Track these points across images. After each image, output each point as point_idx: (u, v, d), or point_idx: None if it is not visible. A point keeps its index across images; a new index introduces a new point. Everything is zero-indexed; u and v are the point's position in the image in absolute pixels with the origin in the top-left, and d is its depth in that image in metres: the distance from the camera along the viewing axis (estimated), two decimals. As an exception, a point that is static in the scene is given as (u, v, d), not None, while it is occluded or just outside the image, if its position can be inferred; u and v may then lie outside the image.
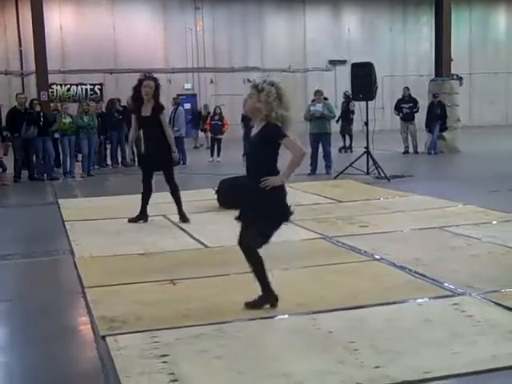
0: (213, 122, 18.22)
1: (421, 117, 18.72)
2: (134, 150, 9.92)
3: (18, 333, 4.62)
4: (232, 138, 20.70)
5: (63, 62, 27.57)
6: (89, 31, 27.65)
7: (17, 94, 15.39)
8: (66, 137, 14.81)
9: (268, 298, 4.75)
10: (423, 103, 18.91)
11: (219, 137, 17.78)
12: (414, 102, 18.77)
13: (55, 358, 4.08)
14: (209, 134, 19.61)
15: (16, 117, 14.16)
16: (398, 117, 19.03)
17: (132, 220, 8.56)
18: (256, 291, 4.74)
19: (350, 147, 19.42)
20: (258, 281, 4.72)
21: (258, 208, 4.68)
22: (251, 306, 4.75)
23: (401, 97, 19.25)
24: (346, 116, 19.84)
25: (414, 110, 18.58)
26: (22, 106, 14.55)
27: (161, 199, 10.58)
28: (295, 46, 31.09)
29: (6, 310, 5.20)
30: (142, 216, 8.60)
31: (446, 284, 5.24)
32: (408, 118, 18.54)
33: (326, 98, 15.77)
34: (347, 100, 19.71)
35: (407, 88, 19.31)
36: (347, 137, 19.85)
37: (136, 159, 10.07)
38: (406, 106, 18.64)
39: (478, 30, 33.46)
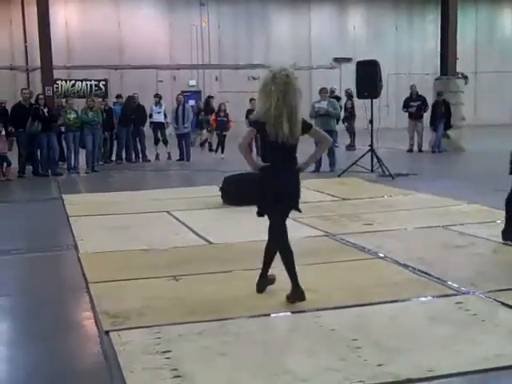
0: (219, 119, 18.19)
1: (425, 115, 18.66)
2: None
3: (22, 328, 4.63)
4: (236, 134, 20.63)
5: (68, 58, 27.54)
6: (94, 27, 27.62)
7: (21, 90, 15.41)
8: (70, 132, 14.83)
9: (297, 294, 4.77)
10: (428, 101, 18.85)
11: (224, 133, 17.78)
12: (423, 100, 18.70)
13: (59, 353, 4.09)
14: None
15: (20, 112, 14.17)
16: (406, 115, 18.95)
17: None
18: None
19: (353, 145, 19.43)
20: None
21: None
22: (292, 299, 4.77)
23: (409, 95, 19.19)
24: (349, 114, 19.81)
25: (423, 107, 18.52)
26: (27, 101, 14.56)
27: (164, 195, 10.61)
28: (300, 43, 31.01)
29: (10, 304, 5.21)
30: None
31: (450, 282, 5.23)
32: (416, 117, 18.47)
33: (336, 97, 15.71)
34: (349, 98, 19.75)
35: (414, 86, 19.23)
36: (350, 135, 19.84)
37: None
38: (414, 104, 18.57)
39: (484, 28, 33.33)
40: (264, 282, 5.02)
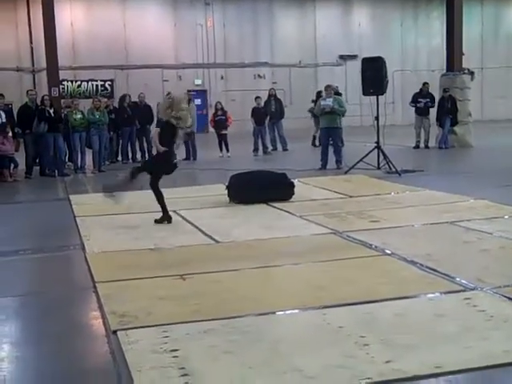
0: (217, 118, 17.93)
1: (431, 111, 18.64)
2: None
3: (30, 328, 4.64)
4: (241, 132, 20.67)
5: (74, 59, 27.64)
6: (99, 27, 27.71)
7: (27, 91, 15.44)
8: (76, 133, 14.86)
9: (165, 217, 8.12)
10: (435, 98, 18.82)
11: (224, 132, 17.56)
12: (431, 97, 18.70)
13: (67, 353, 4.09)
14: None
15: (27, 114, 14.21)
16: (413, 111, 18.92)
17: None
18: (265, 285, 4.71)
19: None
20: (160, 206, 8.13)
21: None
22: (158, 221, 8.05)
23: (418, 90, 19.14)
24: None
25: (431, 104, 18.49)
26: (33, 102, 14.59)
27: (171, 194, 10.61)
28: (306, 41, 31.00)
29: (19, 305, 5.22)
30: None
31: (458, 279, 5.21)
32: (424, 113, 18.48)
33: (339, 94, 15.58)
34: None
35: (427, 84, 19.15)
36: None
37: None
38: (422, 101, 18.55)
39: (490, 24, 33.24)
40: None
